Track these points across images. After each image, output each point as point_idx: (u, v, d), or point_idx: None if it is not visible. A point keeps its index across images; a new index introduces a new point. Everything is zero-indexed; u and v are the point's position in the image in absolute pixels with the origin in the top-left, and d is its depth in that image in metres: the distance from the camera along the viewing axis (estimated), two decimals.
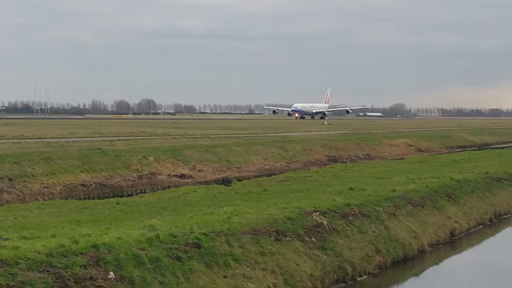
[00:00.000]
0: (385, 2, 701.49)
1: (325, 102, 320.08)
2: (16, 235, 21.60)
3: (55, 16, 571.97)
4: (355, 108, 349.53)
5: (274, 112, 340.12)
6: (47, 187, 50.80)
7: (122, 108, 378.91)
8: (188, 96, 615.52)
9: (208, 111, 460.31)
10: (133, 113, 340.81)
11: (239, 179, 58.25)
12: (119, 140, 78.77)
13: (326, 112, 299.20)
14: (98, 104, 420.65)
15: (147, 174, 60.29)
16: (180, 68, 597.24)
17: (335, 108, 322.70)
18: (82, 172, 55.75)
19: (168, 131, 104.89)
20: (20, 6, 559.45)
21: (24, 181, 50.36)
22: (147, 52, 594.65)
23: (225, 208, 29.93)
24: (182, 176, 62.16)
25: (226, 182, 54.10)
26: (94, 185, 54.34)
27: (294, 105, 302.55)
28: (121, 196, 47.09)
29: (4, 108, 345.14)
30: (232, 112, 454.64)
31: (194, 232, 23.46)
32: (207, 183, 57.21)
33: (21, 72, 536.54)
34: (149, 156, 64.16)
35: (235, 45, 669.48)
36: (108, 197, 46.96)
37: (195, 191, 43.01)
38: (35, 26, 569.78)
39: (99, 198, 47.94)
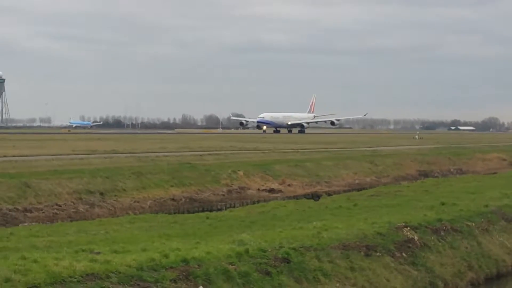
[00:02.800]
0: (471, 14, 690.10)
1: (310, 111, 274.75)
2: (108, 249, 21.82)
3: (142, 31, 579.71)
4: (343, 119, 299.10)
5: (241, 124, 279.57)
6: (138, 202, 51.36)
7: (212, 123, 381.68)
8: (277, 110, 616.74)
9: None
10: (223, 128, 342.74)
11: (328, 194, 57.89)
12: (209, 154, 79.24)
13: (305, 124, 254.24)
14: (188, 118, 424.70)
15: (236, 189, 60.46)
16: (268, 82, 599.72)
17: (319, 119, 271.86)
18: (172, 186, 56.23)
19: (257, 146, 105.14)
20: (108, 22, 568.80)
21: (115, 195, 51.05)
22: (234, 67, 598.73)
23: (314, 223, 29.72)
24: (271, 190, 62.15)
25: (315, 196, 53.91)
26: (184, 200, 54.71)
27: (260, 115, 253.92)
28: (211, 211, 47.31)
29: (101, 123, 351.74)
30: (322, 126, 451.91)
31: (284, 247, 23.35)
32: (296, 197, 57.17)
33: (112, 87, 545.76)
34: (239, 170, 64.37)
35: (321, 59, 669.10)
36: (197, 212, 47.23)
37: (285, 206, 42.95)
38: (124, 41, 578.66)
39: (188, 212, 48.27)
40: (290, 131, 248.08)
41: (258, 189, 61.91)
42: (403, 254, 26.99)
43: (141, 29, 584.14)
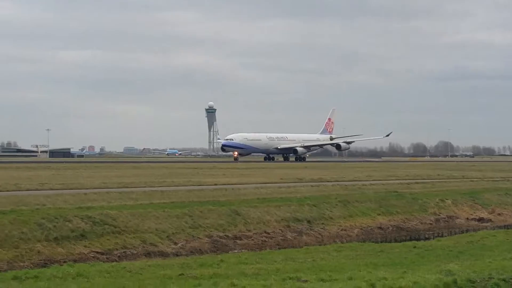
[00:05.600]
0: None
1: (327, 131, 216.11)
2: (315, 277, 22.04)
3: (344, 60, 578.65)
4: (358, 141, 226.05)
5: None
6: (345, 230, 51.52)
7: (419, 151, 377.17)
8: (486, 138, 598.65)
9: (508, 153, 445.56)
10: (430, 156, 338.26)
11: None
12: (416, 183, 78.39)
13: (299, 149, 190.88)
14: (395, 146, 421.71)
15: (444, 218, 59.55)
16: (475, 110, 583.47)
17: (337, 141, 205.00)
18: (379, 214, 56.11)
19: (466, 174, 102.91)
20: (311, 52, 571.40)
21: (323, 223, 51.45)
22: (439, 95, 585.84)
23: None
24: (480, 219, 60.73)
25: None
26: (391, 228, 54.41)
27: (228, 136, 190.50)
28: (418, 240, 46.83)
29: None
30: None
31: (493, 278, 22.72)
32: (507, 227, 55.54)
33: (316, 116, 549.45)
34: (447, 199, 63.44)
35: None
36: (404, 240, 46.85)
37: (494, 236, 41.87)
38: (326, 71, 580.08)
39: (395, 241, 47.94)
40: (286, 158, 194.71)
41: (467, 218, 60.69)
42: None
43: (343, 59, 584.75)
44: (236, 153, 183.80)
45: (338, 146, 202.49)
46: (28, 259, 35.23)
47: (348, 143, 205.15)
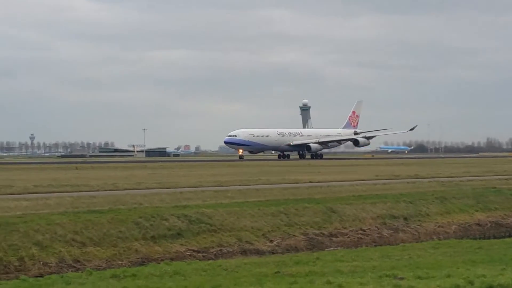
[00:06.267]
0: None
1: (350, 125, 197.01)
2: (411, 274, 21.83)
3: (441, 55, 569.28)
4: (380, 135, 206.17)
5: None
6: (442, 226, 50.84)
7: None
8: None
9: None
10: None
11: None
12: None
13: (313, 145, 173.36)
14: (492, 142, 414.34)
15: None
16: None
17: (344, 137, 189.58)
18: (477, 211, 55.21)
19: None
20: (406, 48, 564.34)
21: (419, 220, 50.88)
22: None
23: None
24: None
25: None
26: (489, 224, 53.45)
27: (231, 133, 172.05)
28: None
29: (412, 147, 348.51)
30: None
31: None
32: None
33: (412, 112, 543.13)
34: None
35: None
36: (503, 237, 45.92)
37: None
38: (422, 66, 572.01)
39: (494, 237, 47.05)
40: (302, 156, 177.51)
41: None
42: None
43: (440, 53, 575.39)
44: (241, 150, 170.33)
45: (356, 142, 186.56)
46: (126, 257, 35.79)
47: (369, 138, 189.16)
